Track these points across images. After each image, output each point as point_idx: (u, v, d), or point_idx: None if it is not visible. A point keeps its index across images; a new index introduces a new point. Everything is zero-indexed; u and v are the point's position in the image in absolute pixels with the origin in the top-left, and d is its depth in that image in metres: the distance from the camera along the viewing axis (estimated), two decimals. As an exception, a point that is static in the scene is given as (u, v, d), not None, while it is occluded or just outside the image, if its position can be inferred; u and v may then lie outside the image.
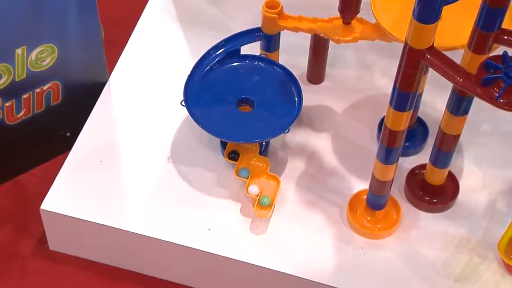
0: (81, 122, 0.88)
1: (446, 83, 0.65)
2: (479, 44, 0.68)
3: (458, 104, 0.73)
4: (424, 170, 0.83)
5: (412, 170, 0.85)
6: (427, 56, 0.63)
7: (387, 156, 0.73)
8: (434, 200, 0.82)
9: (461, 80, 0.62)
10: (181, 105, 0.82)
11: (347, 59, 0.95)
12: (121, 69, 0.94)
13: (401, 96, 0.67)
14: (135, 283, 0.84)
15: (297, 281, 0.77)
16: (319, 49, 0.89)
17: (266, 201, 0.79)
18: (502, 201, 0.83)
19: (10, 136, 0.87)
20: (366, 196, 0.80)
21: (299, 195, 0.83)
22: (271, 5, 0.82)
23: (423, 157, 0.86)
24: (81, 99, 0.90)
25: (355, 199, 0.82)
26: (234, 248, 0.79)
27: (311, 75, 0.93)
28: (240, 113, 0.82)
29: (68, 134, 0.92)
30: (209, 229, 0.81)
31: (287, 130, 0.80)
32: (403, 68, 0.65)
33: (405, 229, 0.81)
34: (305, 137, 0.88)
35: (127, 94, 0.92)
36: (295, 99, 0.83)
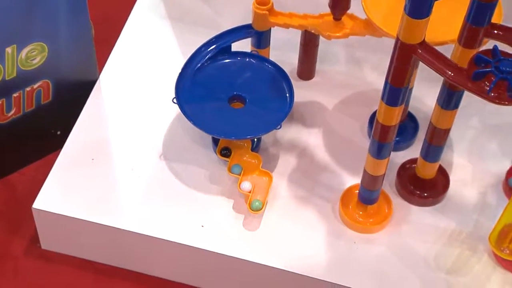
0: (72, 120, 0.88)
1: (434, 78, 0.66)
2: (469, 39, 0.68)
3: (449, 98, 0.74)
4: (415, 165, 0.84)
5: (403, 165, 0.85)
6: (418, 51, 0.63)
7: (379, 151, 0.74)
8: (425, 194, 0.83)
9: (452, 74, 0.63)
10: (173, 102, 0.82)
11: (337, 55, 0.96)
12: (112, 67, 0.94)
13: (393, 91, 0.67)
14: (128, 281, 0.84)
15: (290, 276, 0.78)
16: (309, 45, 0.89)
17: (258, 205, 0.80)
18: (492, 194, 0.84)
19: (0, 135, 0.87)
20: (358, 191, 0.80)
21: (291, 190, 0.84)
22: (262, 1, 0.82)
23: (413, 151, 0.86)
24: (71, 97, 0.89)
25: (347, 194, 0.82)
26: (228, 244, 0.79)
27: (302, 71, 0.93)
28: (232, 110, 0.82)
29: (59, 133, 0.91)
30: (202, 226, 0.81)
31: (278, 126, 0.80)
32: (395, 63, 0.65)
33: (397, 223, 0.81)
34: (297, 133, 0.88)
35: (117, 92, 0.92)
36: (287, 95, 0.83)
